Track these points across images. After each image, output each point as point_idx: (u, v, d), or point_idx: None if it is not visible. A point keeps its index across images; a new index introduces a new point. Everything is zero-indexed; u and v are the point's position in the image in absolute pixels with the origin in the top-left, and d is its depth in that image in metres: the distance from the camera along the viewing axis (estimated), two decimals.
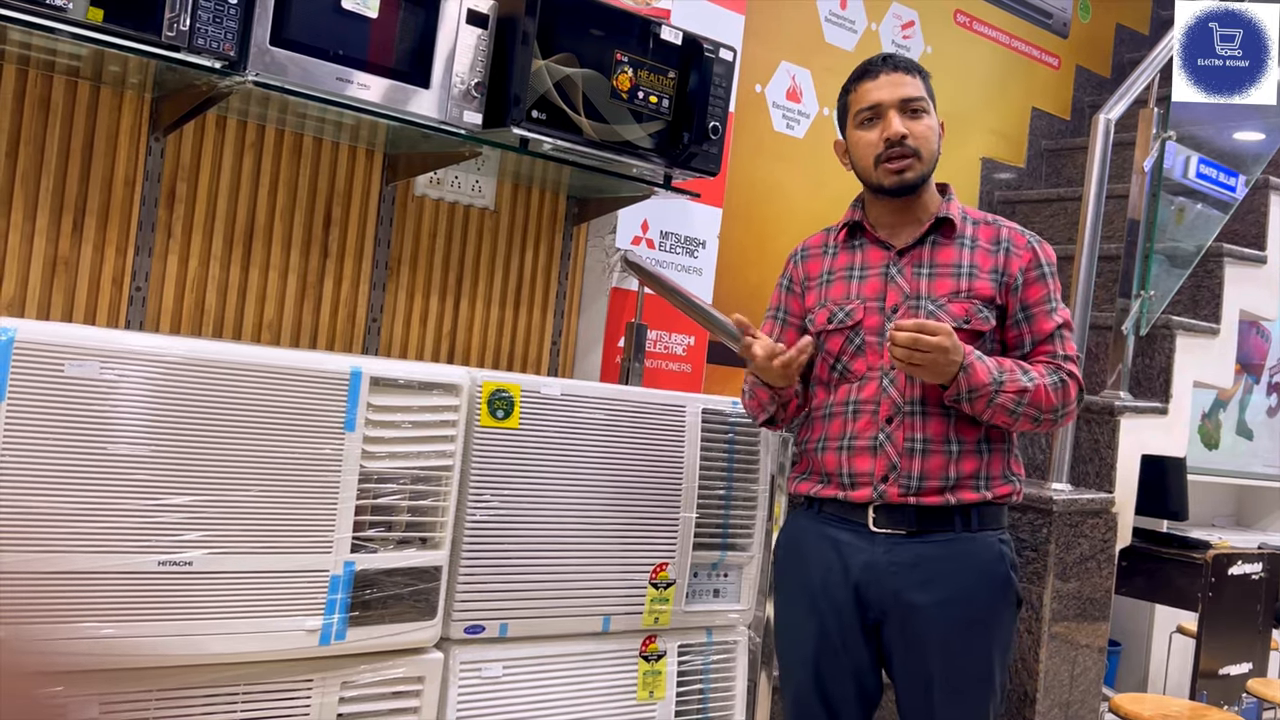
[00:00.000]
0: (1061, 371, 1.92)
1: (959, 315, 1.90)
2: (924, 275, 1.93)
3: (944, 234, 1.96)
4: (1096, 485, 2.94)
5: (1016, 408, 1.85)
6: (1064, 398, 1.91)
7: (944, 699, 1.88)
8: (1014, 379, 1.85)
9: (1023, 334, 1.95)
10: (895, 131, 1.90)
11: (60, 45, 1.94)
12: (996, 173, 4.37)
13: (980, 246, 1.95)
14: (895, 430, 1.89)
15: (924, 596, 1.87)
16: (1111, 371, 3.10)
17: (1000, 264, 1.94)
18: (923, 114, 1.93)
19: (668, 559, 2.15)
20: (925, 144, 1.92)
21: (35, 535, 1.51)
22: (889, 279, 1.94)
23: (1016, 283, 1.93)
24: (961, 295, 1.91)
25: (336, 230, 2.51)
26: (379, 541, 1.81)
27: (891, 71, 1.94)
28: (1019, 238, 1.97)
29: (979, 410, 1.86)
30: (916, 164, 1.92)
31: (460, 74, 2.22)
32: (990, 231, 1.97)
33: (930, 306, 1.91)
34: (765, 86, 3.48)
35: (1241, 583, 3.19)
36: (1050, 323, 1.94)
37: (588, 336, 2.93)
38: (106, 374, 1.56)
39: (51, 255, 2.17)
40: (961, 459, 1.89)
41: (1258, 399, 4.91)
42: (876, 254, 1.97)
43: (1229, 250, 3.52)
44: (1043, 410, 1.88)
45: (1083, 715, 2.76)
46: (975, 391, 1.83)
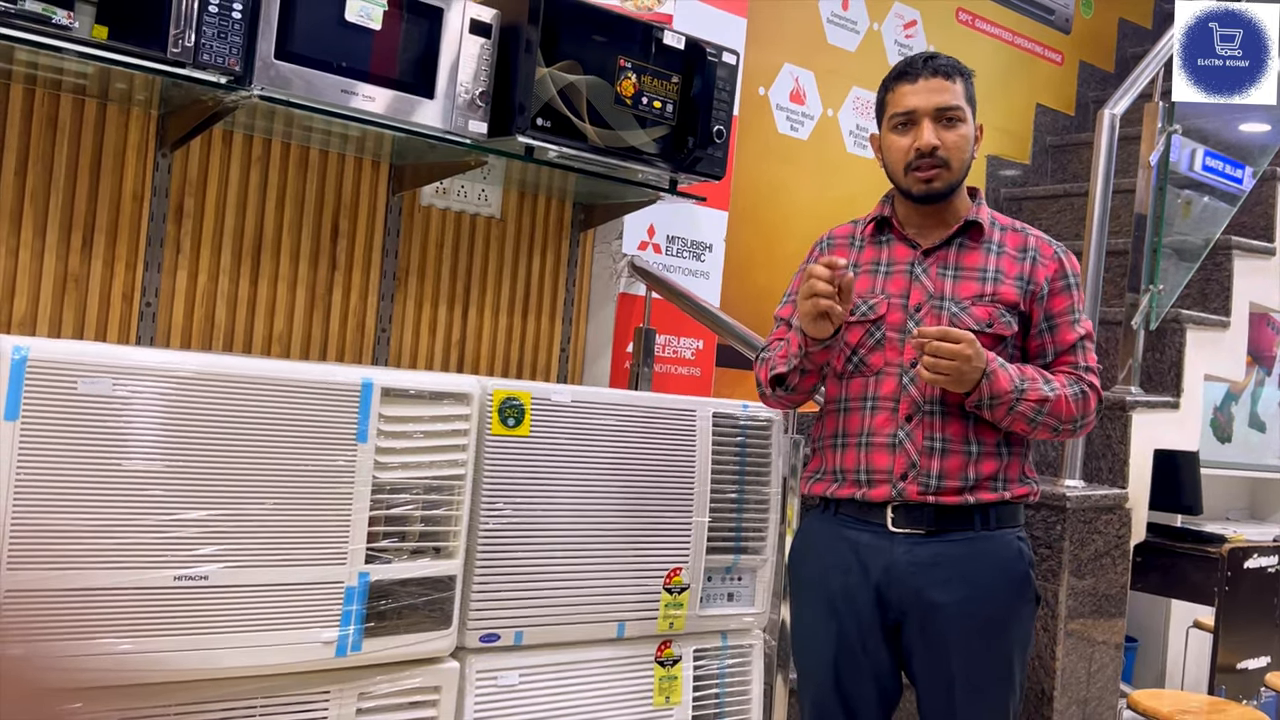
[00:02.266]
0: (1083, 383, 1.93)
1: (982, 319, 1.90)
2: (949, 277, 1.93)
3: (971, 237, 1.95)
4: (1109, 481, 2.93)
5: (1036, 416, 1.86)
6: (1084, 409, 1.92)
7: (965, 698, 1.88)
8: (1035, 388, 1.86)
9: (1045, 344, 1.95)
10: (927, 143, 1.89)
11: (66, 64, 1.94)
12: (1002, 170, 4.37)
13: (1007, 252, 1.95)
14: (915, 429, 1.88)
15: (944, 595, 1.86)
16: (1122, 366, 3.10)
17: (1026, 271, 1.93)
18: (958, 123, 1.92)
19: (681, 564, 2.15)
20: (957, 154, 1.91)
21: (52, 552, 1.51)
22: (914, 278, 1.94)
23: (1042, 292, 1.93)
24: (985, 299, 1.91)
25: (344, 242, 2.52)
26: (393, 552, 1.81)
27: (931, 76, 1.92)
28: (1046, 247, 1.97)
29: (999, 417, 1.86)
30: (945, 174, 1.91)
31: (464, 83, 2.22)
32: (1018, 239, 1.97)
33: (953, 309, 1.90)
34: (769, 89, 3.49)
35: (1258, 576, 3.18)
36: (1073, 334, 1.95)
37: (596, 342, 2.93)
38: (119, 390, 1.56)
39: (62, 273, 2.18)
40: (981, 460, 1.89)
41: (1270, 391, 4.89)
42: (903, 251, 1.97)
43: (1237, 243, 3.51)
44: (1062, 420, 1.88)
45: (1101, 712, 2.75)
46: (997, 399, 1.83)
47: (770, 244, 3.44)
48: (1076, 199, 4.05)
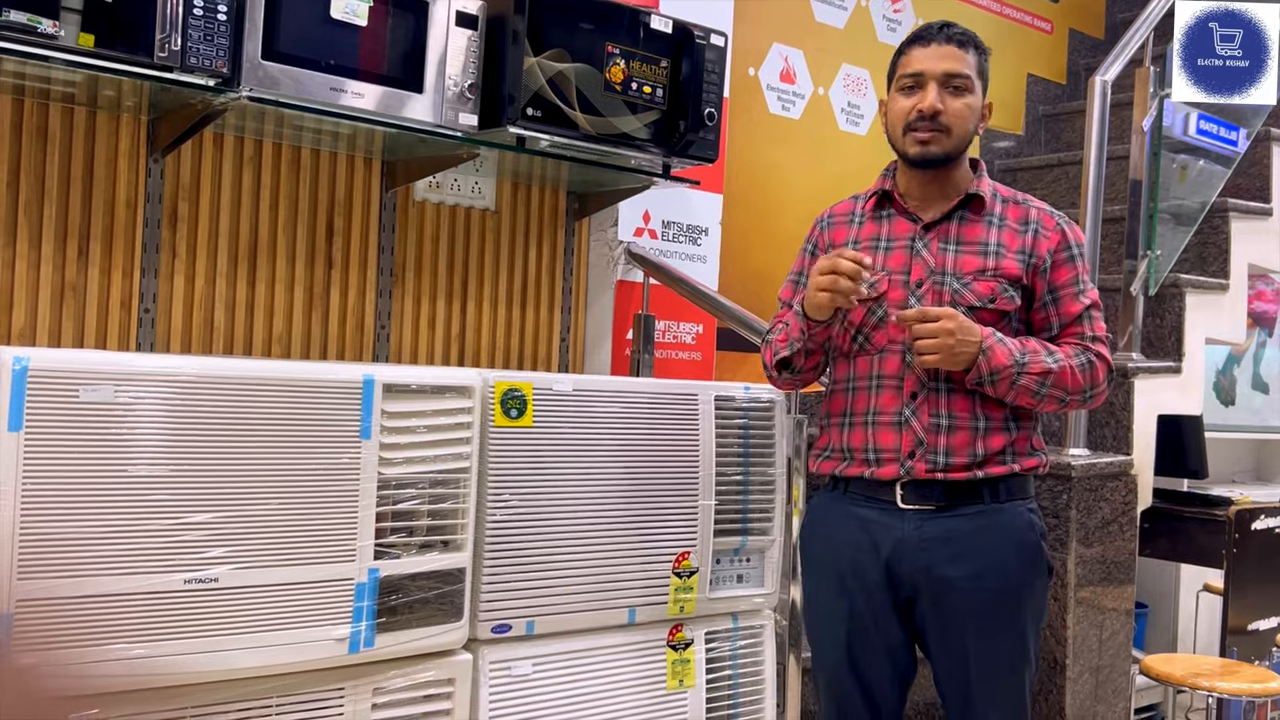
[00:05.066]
0: (1090, 352, 1.90)
1: (984, 294, 1.89)
2: (950, 251, 1.92)
3: (973, 210, 1.94)
4: (1114, 448, 2.94)
5: (1040, 389, 1.85)
6: (1092, 379, 1.90)
7: (981, 673, 1.88)
8: (1037, 360, 1.84)
9: (1049, 316, 1.93)
10: (929, 105, 1.88)
11: (54, 73, 1.94)
12: (996, 141, 4.36)
13: (1008, 226, 1.94)
14: (920, 406, 1.88)
15: (956, 570, 1.87)
16: (1123, 333, 3.09)
17: (1028, 245, 1.92)
18: (965, 92, 1.91)
19: (689, 547, 2.16)
20: (959, 122, 1.90)
21: (61, 561, 1.52)
22: (914, 253, 1.93)
23: (1045, 265, 1.92)
24: (988, 274, 1.90)
25: (340, 240, 2.52)
26: (401, 547, 1.81)
27: (944, 43, 1.91)
28: (1048, 219, 1.95)
29: (1002, 392, 1.85)
30: (944, 139, 1.90)
31: (453, 76, 2.22)
32: (1019, 211, 1.96)
33: (955, 284, 1.89)
34: (758, 69, 3.47)
35: (1266, 537, 3.18)
36: (1078, 304, 1.92)
37: (596, 331, 2.93)
38: (121, 397, 1.57)
39: (59, 282, 2.18)
40: (989, 435, 1.88)
41: (1271, 353, 4.89)
42: (903, 226, 1.96)
43: (1234, 205, 3.50)
44: (1069, 391, 1.87)
45: (1114, 678, 2.76)
46: (996, 374, 1.82)
47: (766, 225, 3.44)
48: (1071, 168, 4.04)
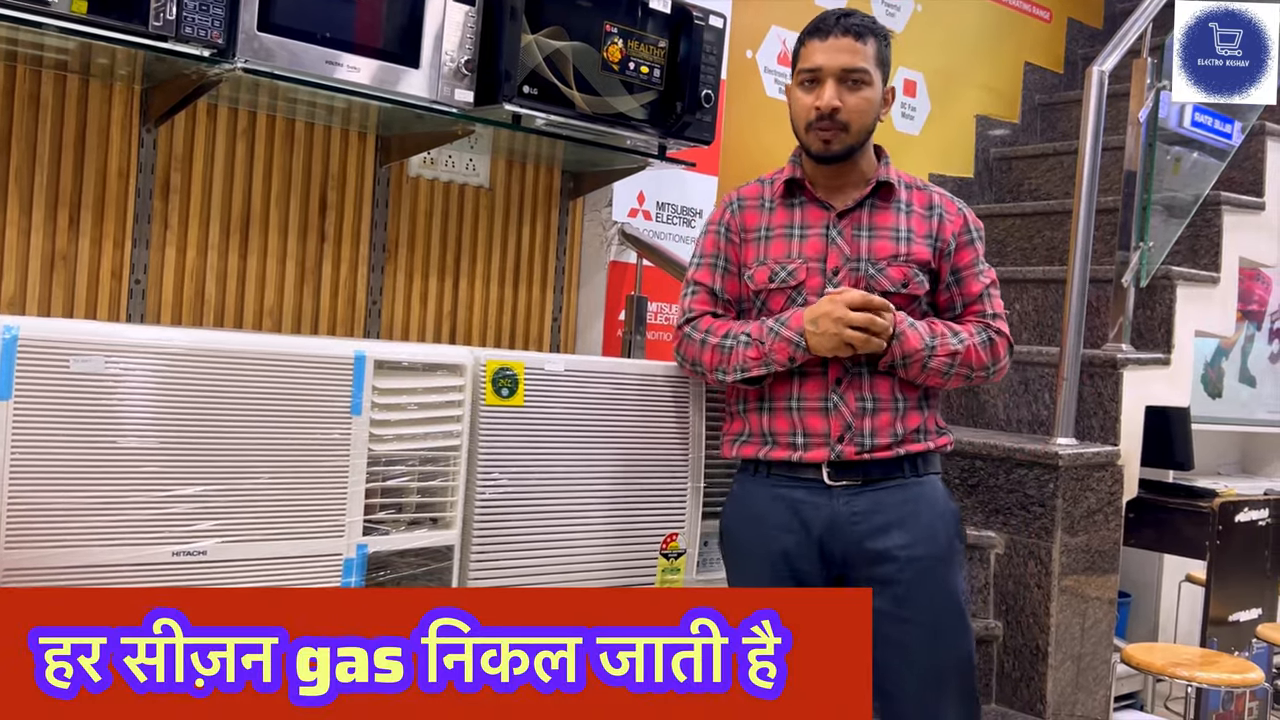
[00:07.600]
0: (990, 330, 1.98)
1: (897, 279, 1.93)
2: (864, 237, 1.96)
3: (882, 197, 1.98)
4: (1101, 438, 2.95)
5: (949, 370, 1.92)
6: (993, 355, 1.98)
7: (923, 639, 1.91)
8: (945, 343, 1.92)
9: (953, 297, 2.01)
10: (827, 104, 1.89)
11: (47, 39, 1.93)
12: (991, 129, 4.35)
13: (915, 211, 1.99)
14: (846, 391, 1.92)
15: (887, 542, 1.91)
16: (1113, 324, 3.10)
17: (934, 229, 1.98)
18: (863, 86, 1.91)
19: (677, 528, 2.16)
20: (857, 118, 1.91)
21: (50, 530, 1.51)
22: (830, 240, 1.95)
23: (949, 248, 1.99)
24: (900, 259, 1.94)
25: (333, 214, 2.51)
26: (390, 523, 1.82)
27: (842, 35, 1.90)
28: (950, 204, 2.03)
29: (913, 375, 1.92)
30: (844, 137, 1.92)
31: (450, 52, 2.21)
32: (924, 197, 2.01)
33: (870, 270, 1.93)
34: (756, 52, 3.46)
35: (1249, 529, 3.20)
36: (979, 284, 2.00)
37: (588, 311, 2.93)
38: (111, 368, 1.56)
39: (49, 251, 2.17)
40: (907, 415, 1.94)
41: (1260, 346, 4.91)
42: (816, 214, 1.98)
43: (1227, 198, 3.51)
44: (974, 369, 1.95)
45: (1095, 667, 2.78)
46: (909, 357, 1.89)
47: None
48: (1066, 157, 4.04)
